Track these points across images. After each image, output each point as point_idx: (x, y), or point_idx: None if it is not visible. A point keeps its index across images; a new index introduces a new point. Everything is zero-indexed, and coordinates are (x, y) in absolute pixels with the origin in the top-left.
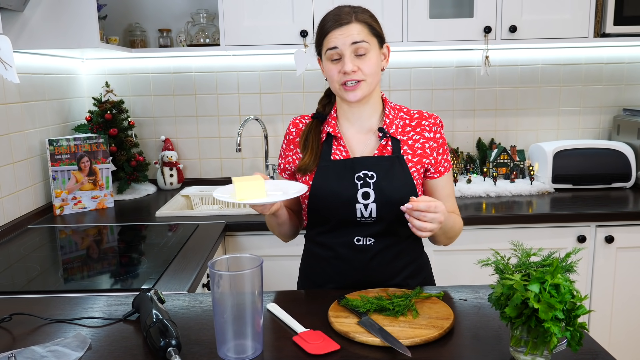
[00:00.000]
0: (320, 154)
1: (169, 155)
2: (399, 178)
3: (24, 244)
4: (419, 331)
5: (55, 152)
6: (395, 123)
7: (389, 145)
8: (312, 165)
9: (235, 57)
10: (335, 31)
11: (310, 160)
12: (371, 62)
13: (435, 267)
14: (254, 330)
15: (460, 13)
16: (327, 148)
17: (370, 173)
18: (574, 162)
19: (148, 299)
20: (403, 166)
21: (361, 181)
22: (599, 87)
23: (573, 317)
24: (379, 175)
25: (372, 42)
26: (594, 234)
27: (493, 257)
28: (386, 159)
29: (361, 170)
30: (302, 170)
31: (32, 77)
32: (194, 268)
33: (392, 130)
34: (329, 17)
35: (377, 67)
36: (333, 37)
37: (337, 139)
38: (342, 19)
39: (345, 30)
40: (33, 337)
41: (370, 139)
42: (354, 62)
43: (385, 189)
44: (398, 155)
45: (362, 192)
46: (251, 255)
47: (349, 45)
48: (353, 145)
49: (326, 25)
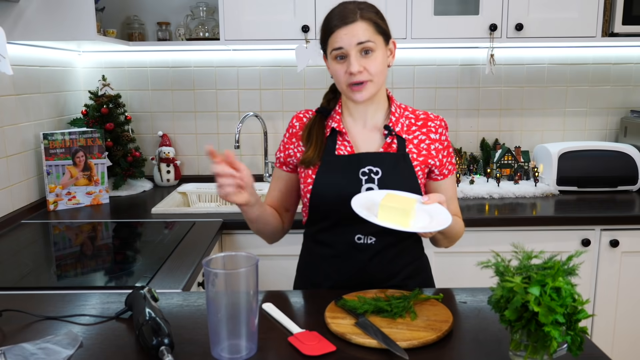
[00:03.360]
0: (325, 148)
1: (166, 151)
2: (404, 175)
3: (16, 239)
4: (416, 333)
5: (49, 146)
6: (401, 122)
7: (394, 143)
8: (316, 159)
9: (235, 52)
10: (340, 30)
11: (314, 154)
12: (377, 61)
13: (436, 268)
14: (249, 330)
15: (466, 10)
16: (332, 143)
17: (376, 169)
18: (579, 164)
19: (141, 297)
20: (408, 164)
21: (366, 177)
22: (607, 88)
23: (574, 321)
24: (384, 171)
25: (378, 41)
26: (598, 238)
27: (493, 258)
28: (392, 156)
29: (366, 165)
30: (306, 163)
31: (27, 69)
32: (189, 266)
33: (397, 129)
34: (334, 15)
35: (383, 65)
36: (338, 37)
37: (342, 135)
38: (347, 17)
39: (351, 29)
40: (23, 334)
41: (376, 136)
42: (360, 62)
43: (389, 186)
44: (404, 153)
45: (366, 187)
46: (247, 253)
47: (354, 45)
48: (358, 142)
49: (331, 24)
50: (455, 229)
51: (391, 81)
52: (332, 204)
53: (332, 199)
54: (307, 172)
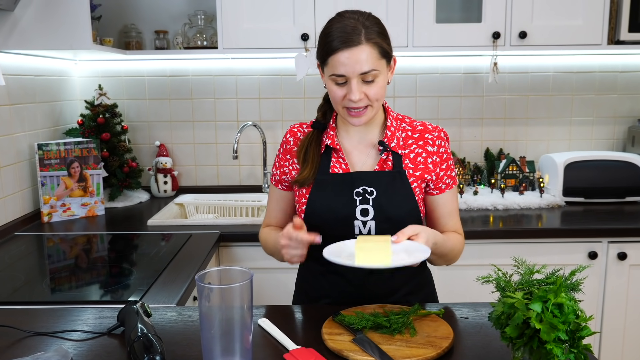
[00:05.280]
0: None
1: (164, 162)
2: (399, 194)
3: (9, 252)
4: (415, 350)
5: (44, 156)
6: (397, 136)
7: (390, 160)
8: (311, 179)
9: (233, 61)
10: (342, 53)
11: (310, 174)
12: (378, 86)
13: (439, 282)
14: (243, 346)
15: (468, 18)
16: (326, 160)
17: (370, 189)
18: (586, 174)
19: (134, 312)
20: (404, 181)
21: (360, 197)
22: (613, 97)
23: (577, 339)
24: (378, 191)
25: (381, 66)
26: (605, 250)
27: (494, 273)
28: (387, 174)
29: (360, 185)
30: (299, 183)
31: (22, 78)
32: (185, 280)
33: (393, 144)
34: (335, 33)
35: (384, 89)
36: (339, 62)
37: (337, 151)
38: (350, 39)
39: (354, 54)
40: (13, 350)
41: (371, 152)
42: (360, 89)
43: (385, 206)
44: (399, 170)
45: (361, 208)
46: (241, 268)
47: (357, 75)
48: (352, 159)
49: (332, 43)
50: (452, 247)
51: (393, 90)
52: (327, 225)
53: (326, 219)
54: (301, 192)
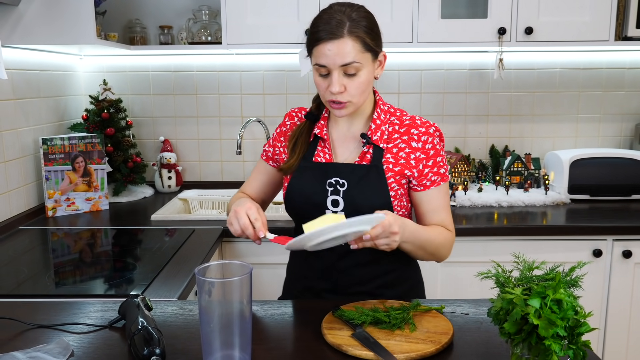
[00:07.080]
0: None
1: (168, 157)
2: (372, 188)
3: (13, 245)
4: (415, 346)
5: (49, 151)
6: (382, 129)
7: (370, 153)
8: (295, 168)
9: (238, 56)
10: (324, 44)
11: (295, 164)
12: (360, 81)
13: (441, 279)
14: (242, 340)
15: (474, 13)
16: (312, 149)
17: (342, 181)
18: (591, 171)
19: (135, 306)
20: (380, 176)
21: (332, 188)
22: (621, 93)
23: (576, 335)
24: (350, 184)
25: (364, 59)
26: (610, 248)
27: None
28: (362, 168)
29: (333, 176)
30: (284, 170)
31: (27, 73)
32: (187, 275)
33: (375, 137)
34: (321, 23)
35: (367, 84)
36: (322, 52)
37: (324, 141)
38: (333, 31)
39: (336, 45)
40: (15, 343)
41: (355, 144)
42: (341, 81)
43: (355, 198)
44: (377, 165)
45: (332, 199)
46: (240, 262)
47: (338, 66)
48: (337, 149)
49: (317, 33)
50: (429, 238)
51: (398, 86)
52: (303, 210)
53: (301, 206)
54: (286, 177)
